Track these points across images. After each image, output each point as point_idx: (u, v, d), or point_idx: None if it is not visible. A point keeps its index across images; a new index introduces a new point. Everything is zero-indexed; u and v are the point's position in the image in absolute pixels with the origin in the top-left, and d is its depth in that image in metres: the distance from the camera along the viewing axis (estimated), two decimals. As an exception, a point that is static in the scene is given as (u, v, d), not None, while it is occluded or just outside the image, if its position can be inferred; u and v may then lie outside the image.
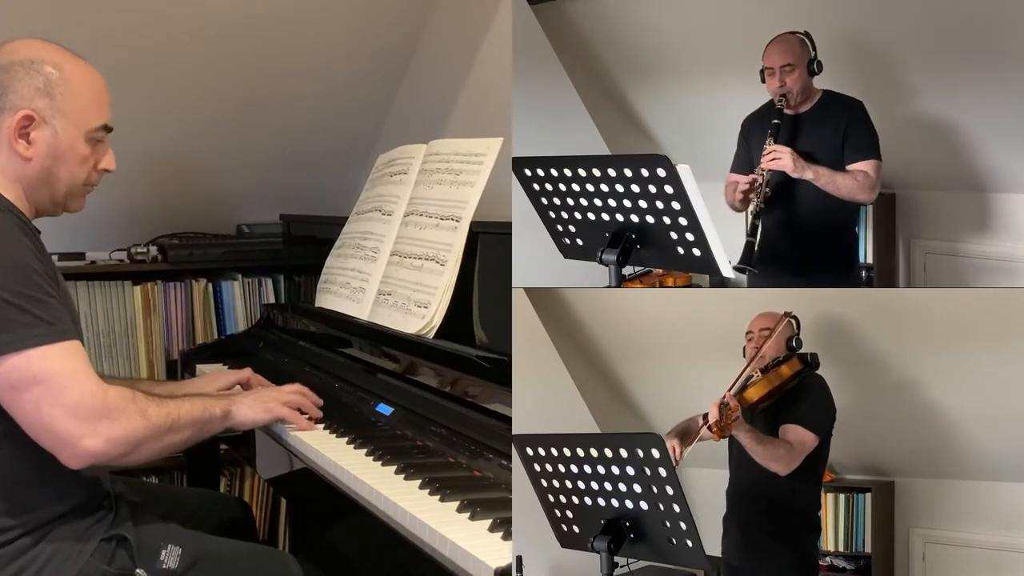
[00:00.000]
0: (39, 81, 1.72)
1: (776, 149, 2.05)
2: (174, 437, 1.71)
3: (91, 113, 1.78)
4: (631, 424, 2.55)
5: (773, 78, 2.12)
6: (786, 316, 1.98)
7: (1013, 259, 2.28)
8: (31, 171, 1.74)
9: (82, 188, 1.82)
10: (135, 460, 1.67)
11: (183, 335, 3.16)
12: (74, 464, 1.59)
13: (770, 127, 2.09)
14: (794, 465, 1.88)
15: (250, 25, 2.89)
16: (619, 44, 2.74)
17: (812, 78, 2.13)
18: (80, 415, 1.56)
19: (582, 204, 1.67)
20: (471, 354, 1.95)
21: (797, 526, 1.99)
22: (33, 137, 1.72)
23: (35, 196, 1.77)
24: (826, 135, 2.10)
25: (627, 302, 2.37)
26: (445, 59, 3.07)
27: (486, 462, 1.71)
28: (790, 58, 2.10)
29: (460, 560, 1.37)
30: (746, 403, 1.88)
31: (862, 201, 2.10)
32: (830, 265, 2.17)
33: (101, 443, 1.57)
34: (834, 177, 2.05)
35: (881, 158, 2.07)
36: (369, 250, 2.41)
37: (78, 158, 1.78)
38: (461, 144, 2.28)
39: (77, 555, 1.66)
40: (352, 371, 2.30)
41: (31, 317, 1.55)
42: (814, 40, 2.12)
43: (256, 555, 1.92)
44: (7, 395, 1.56)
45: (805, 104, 2.15)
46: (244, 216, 3.40)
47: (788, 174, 2.05)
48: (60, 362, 1.56)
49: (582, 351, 2.51)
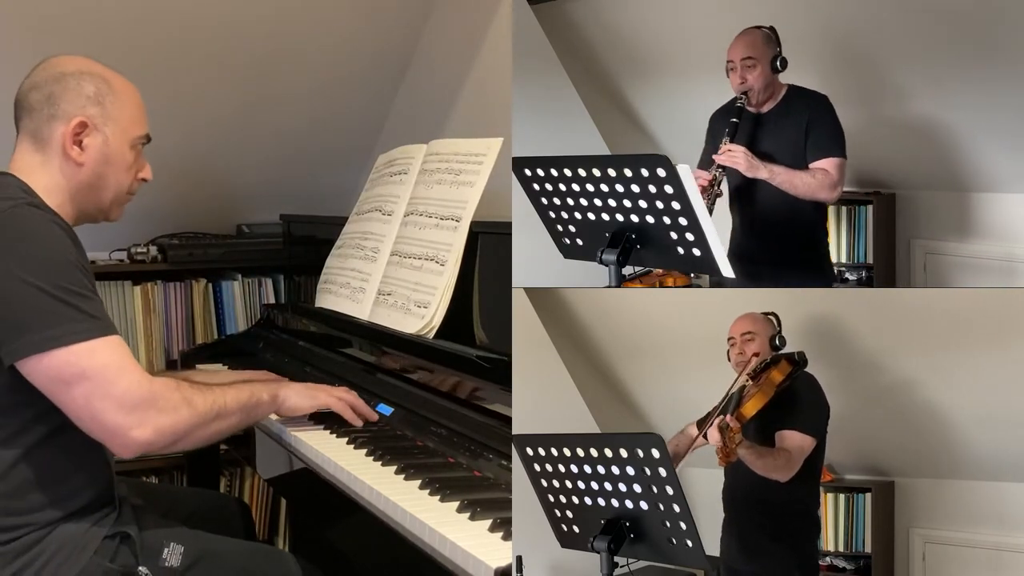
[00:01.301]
0: (90, 90, 1.78)
1: (731, 148, 2.03)
2: (221, 424, 1.75)
3: (136, 122, 1.85)
4: (631, 424, 2.55)
5: (735, 73, 2.11)
6: (765, 315, 1.96)
7: (1013, 259, 2.28)
8: (83, 177, 1.79)
9: (125, 196, 1.89)
10: (184, 447, 1.74)
11: (183, 335, 3.16)
12: (125, 454, 1.64)
13: (728, 125, 2.08)
14: (795, 471, 1.87)
15: (250, 25, 2.89)
16: (619, 44, 2.74)
17: (776, 75, 2.11)
18: (128, 407, 1.59)
19: (582, 204, 1.67)
20: (471, 354, 1.95)
21: (797, 527, 1.98)
22: (86, 144, 1.78)
23: (82, 202, 1.82)
24: (788, 133, 2.09)
25: (627, 302, 2.37)
26: (445, 59, 3.07)
27: (486, 462, 1.71)
28: (752, 51, 2.08)
29: (460, 560, 1.37)
30: (743, 419, 1.84)
31: (823, 200, 2.08)
32: (798, 265, 2.15)
33: (150, 433, 1.61)
34: (791, 176, 2.03)
35: (845, 156, 2.05)
36: (369, 250, 2.41)
37: (125, 165, 1.84)
38: (461, 144, 2.28)
39: (80, 552, 1.67)
40: (352, 371, 2.30)
41: (76, 312, 1.58)
42: (779, 36, 2.10)
43: (257, 554, 1.93)
44: (56, 389, 1.59)
45: (769, 102, 2.13)
46: (244, 216, 3.40)
47: (743, 173, 2.04)
48: (106, 356, 1.59)
49: (582, 351, 2.51)
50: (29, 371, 1.58)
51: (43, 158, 1.77)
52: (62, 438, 1.67)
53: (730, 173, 2.08)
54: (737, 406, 1.84)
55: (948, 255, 2.41)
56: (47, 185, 1.76)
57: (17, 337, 1.56)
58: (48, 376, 1.58)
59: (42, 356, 1.56)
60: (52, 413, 1.62)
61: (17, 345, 1.56)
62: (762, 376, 1.90)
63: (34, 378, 1.58)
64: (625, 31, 2.70)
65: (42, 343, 1.55)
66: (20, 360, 1.57)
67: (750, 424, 1.89)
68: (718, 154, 2.04)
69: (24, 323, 1.56)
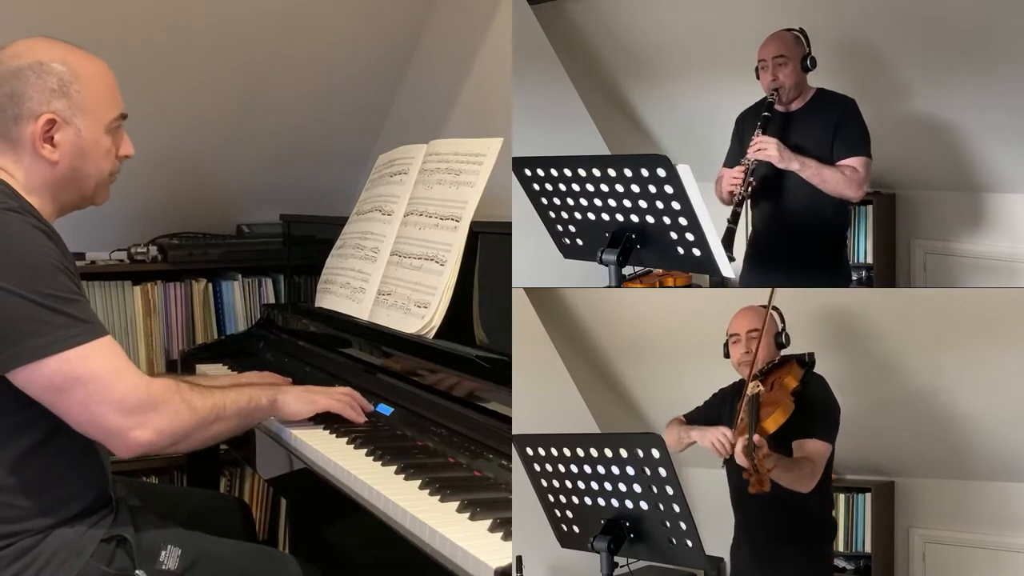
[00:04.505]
0: (52, 82, 1.70)
1: (763, 140, 2.05)
2: (221, 426, 1.74)
3: (107, 105, 1.77)
4: (631, 424, 2.55)
5: (766, 72, 2.13)
6: (769, 311, 1.90)
7: (1013, 259, 2.28)
8: (59, 173, 1.74)
9: (108, 179, 1.83)
10: (184, 449, 1.74)
11: (183, 335, 3.16)
12: (126, 455, 1.63)
13: (760, 120, 2.09)
14: (818, 479, 1.81)
15: (250, 25, 2.89)
16: (619, 44, 2.74)
17: (806, 74, 2.13)
18: (127, 409, 1.58)
19: (582, 204, 1.67)
20: (471, 354, 1.95)
21: (813, 530, 1.93)
22: (58, 140, 1.71)
23: (63, 196, 1.77)
24: (817, 131, 2.10)
25: (627, 302, 2.37)
26: (445, 59, 3.07)
27: (486, 462, 1.71)
28: (784, 50, 2.10)
29: (460, 560, 1.37)
30: (765, 433, 1.74)
31: (849, 197, 2.08)
32: (817, 264, 2.15)
33: (151, 434, 1.60)
34: (821, 170, 2.04)
35: (871, 156, 2.06)
36: (369, 250, 2.41)
37: (102, 152, 1.77)
38: (461, 144, 2.28)
39: (76, 556, 1.65)
40: (352, 371, 2.30)
41: (64, 317, 1.55)
42: (809, 38, 2.12)
43: (256, 555, 1.92)
44: (52, 397, 1.57)
45: (797, 101, 2.15)
46: (244, 216, 3.40)
47: (774, 164, 2.04)
48: (100, 360, 1.57)
49: (582, 351, 2.51)
50: (22, 382, 1.56)
51: (16, 157, 1.71)
52: (54, 443, 1.65)
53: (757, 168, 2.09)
54: (757, 420, 1.75)
55: (948, 255, 2.41)
56: (25, 184, 1.71)
57: (6, 348, 1.53)
58: (42, 385, 1.55)
59: (34, 366, 1.53)
60: (43, 419, 1.61)
61: (7, 356, 1.54)
62: (773, 380, 1.84)
63: (28, 388, 1.56)
64: (625, 31, 2.70)
65: (33, 352, 1.53)
66: (11, 371, 1.55)
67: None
68: (750, 146, 2.05)
69: (12, 334, 1.53)
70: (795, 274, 2.12)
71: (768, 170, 2.09)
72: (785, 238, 2.17)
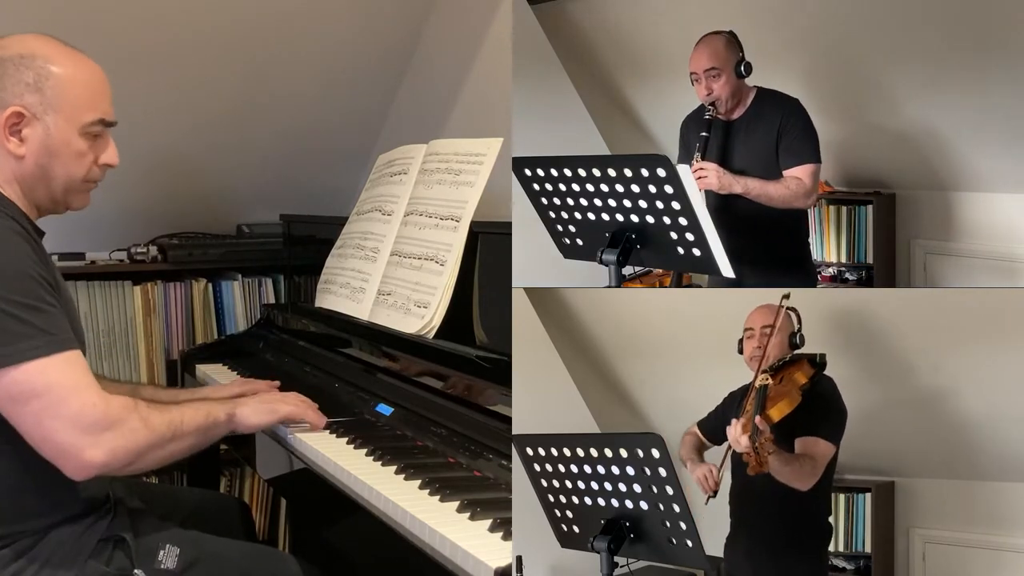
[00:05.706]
0: (28, 76, 1.67)
1: (703, 167, 1.99)
2: (178, 445, 1.69)
3: (84, 107, 1.72)
4: (631, 424, 2.54)
5: (700, 85, 2.06)
6: (786, 310, 1.89)
7: (1014, 259, 2.28)
8: (26, 169, 1.71)
9: (82, 184, 1.77)
10: (139, 469, 1.65)
11: (183, 335, 3.16)
12: (78, 476, 1.58)
13: (699, 140, 2.04)
14: (817, 479, 1.80)
15: (250, 25, 2.90)
16: (619, 44, 2.74)
17: (742, 80, 2.07)
18: (81, 427, 1.54)
19: (582, 204, 1.67)
20: (471, 354, 1.95)
21: (810, 533, 1.93)
22: (25, 134, 1.69)
23: (33, 194, 1.74)
24: (760, 139, 2.05)
25: (627, 302, 2.37)
26: (445, 59, 3.07)
27: (486, 462, 1.71)
28: (715, 61, 2.04)
29: (460, 560, 1.37)
30: (770, 421, 1.73)
31: (799, 208, 2.05)
32: (782, 264, 2.13)
33: (103, 454, 1.56)
34: (766, 188, 1.99)
35: (819, 159, 2.02)
36: (369, 250, 2.41)
37: (73, 154, 1.72)
38: (461, 144, 2.28)
39: (75, 556, 1.66)
40: (352, 371, 2.30)
41: (30, 327, 1.52)
42: (740, 40, 2.07)
43: (255, 555, 1.92)
44: (9, 408, 1.55)
45: (738, 108, 2.10)
46: (244, 216, 3.40)
47: (715, 192, 2.00)
48: (60, 374, 1.54)
49: (582, 351, 2.51)
50: None
51: None
52: None
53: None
54: (763, 407, 1.75)
55: (948, 255, 2.41)
56: (0, 179, 1.70)
57: None
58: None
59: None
60: None
61: None
62: (783, 375, 1.83)
63: None
64: (625, 31, 2.70)
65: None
66: None
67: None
68: (692, 171, 2.01)
69: None
70: (761, 274, 2.09)
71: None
72: (747, 240, 2.13)
